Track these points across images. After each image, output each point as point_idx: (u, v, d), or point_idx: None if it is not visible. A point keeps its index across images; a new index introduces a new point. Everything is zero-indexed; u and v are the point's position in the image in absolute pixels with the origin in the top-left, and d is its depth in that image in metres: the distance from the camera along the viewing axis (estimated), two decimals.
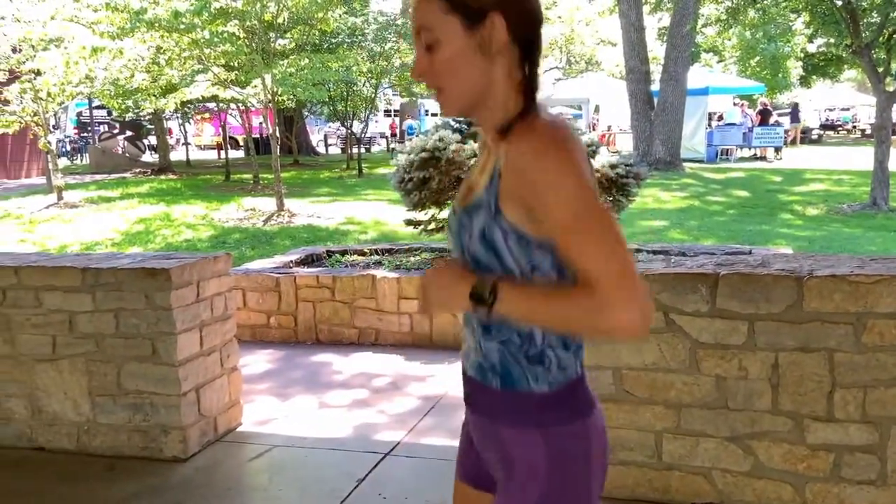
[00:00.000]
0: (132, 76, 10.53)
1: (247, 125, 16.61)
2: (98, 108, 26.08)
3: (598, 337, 1.27)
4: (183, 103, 13.23)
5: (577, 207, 1.14)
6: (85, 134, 28.20)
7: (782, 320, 2.56)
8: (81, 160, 25.22)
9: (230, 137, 22.09)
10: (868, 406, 2.50)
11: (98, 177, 17.82)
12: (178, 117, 22.44)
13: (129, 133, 23.25)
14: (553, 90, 21.60)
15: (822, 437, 2.56)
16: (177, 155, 24.05)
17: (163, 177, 17.44)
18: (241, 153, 25.55)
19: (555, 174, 1.14)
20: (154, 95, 11.58)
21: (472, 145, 4.97)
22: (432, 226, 5.62)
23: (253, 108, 14.99)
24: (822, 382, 2.55)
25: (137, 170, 19.50)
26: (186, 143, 24.69)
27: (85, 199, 12.96)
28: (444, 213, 5.72)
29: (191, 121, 25.88)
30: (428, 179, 5.07)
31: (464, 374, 1.39)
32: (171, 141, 24.13)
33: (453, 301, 1.26)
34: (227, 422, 3.70)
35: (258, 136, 21.67)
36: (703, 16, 15.94)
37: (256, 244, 8.64)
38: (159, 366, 3.35)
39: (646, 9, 18.25)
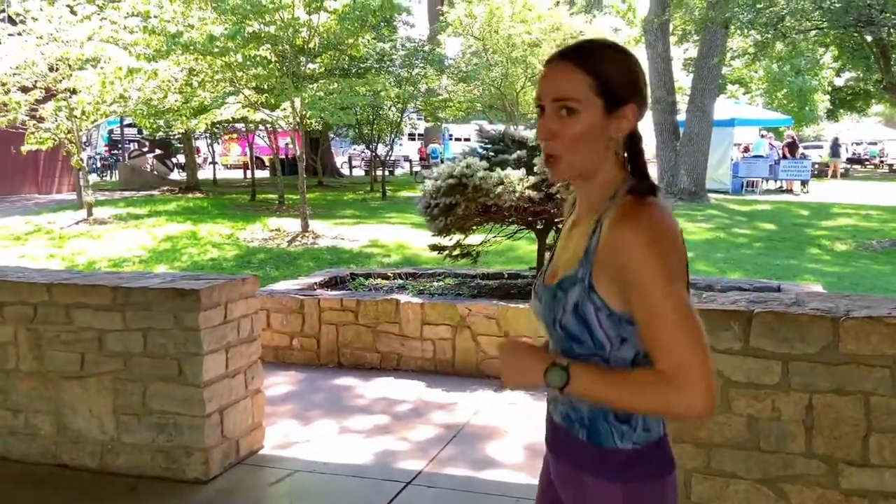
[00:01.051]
0: (165, 97, 10.73)
1: (274, 146, 16.81)
2: (129, 125, 26.60)
3: (667, 418, 1.35)
4: (213, 123, 13.43)
5: (664, 300, 1.22)
6: (115, 151, 28.73)
7: (817, 361, 2.51)
8: (111, 177, 25.64)
9: (256, 158, 22.38)
10: None
11: (127, 194, 18.09)
12: (206, 137, 22.77)
13: (158, 151, 23.63)
14: None
15: (857, 482, 2.50)
16: (204, 174, 24.37)
17: (190, 195, 17.67)
18: (266, 173, 25.86)
19: (650, 266, 1.23)
20: (185, 116, 11.78)
21: (499, 173, 4.98)
22: (457, 251, 5.62)
23: (281, 130, 15.20)
24: (858, 426, 2.49)
25: (165, 188, 19.77)
26: (214, 163, 25.02)
27: (114, 216, 13.15)
28: (470, 239, 5.73)
29: (219, 140, 26.27)
30: (454, 206, 5.07)
31: (549, 418, 1.47)
32: (199, 160, 24.48)
33: (527, 380, 1.35)
34: (249, 444, 3.69)
35: (284, 156, 21.92)
36: (730, 49, 15.92)
37: (281, 265, 8.69)
38: (185, 386, 3.36)
39: (672, 39, 18.30)
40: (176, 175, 24.36)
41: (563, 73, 1.30)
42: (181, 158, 24.84)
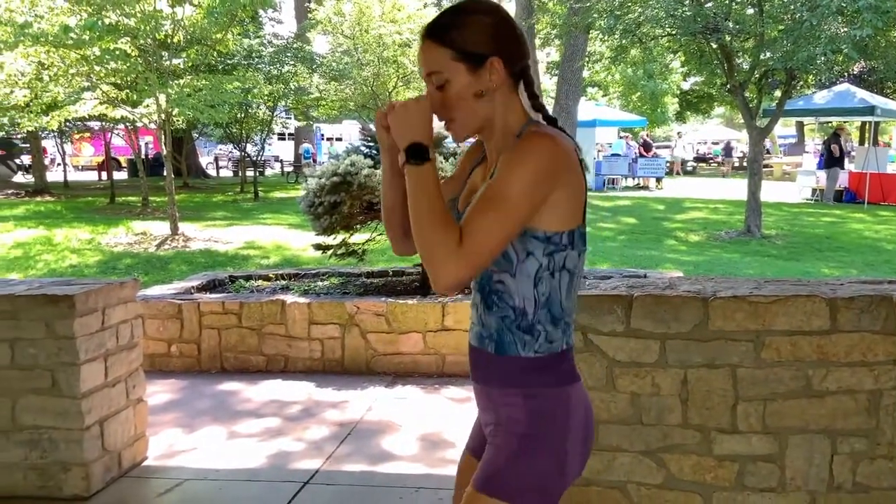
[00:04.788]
0: (11, 92, 9.87)
1: (135, 145, 15.90)
2: None
3: (423, 259, 1.40)
4: (66, 121, 12.51)
5: (508, 190, 1.36)
6: None
7: (690, 339, 2.73)
8: None
9: (112, 158, 21.05)
10: (768, 418, 2.70)
11: None
12: (55, 136, 21.15)
13: None
14: None
15: (728, 448, 2.74)
16: (53, 175, 22.62)
17: (39, 199, 16.37)
18: (123, 174, 24.39)
19: (519, 161, 1.37)
20: (35, 112, 10.89)
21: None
22: (342, 250, 5.59)
23: (143, 128, 14.40)
24: (727, 396, 2.73)
25: (10, 191, 18.21)
26: (64, 164, 23.29)
27: None
28: (355, 238, 5.71)
29: (70, 140, 24.48)
30: (339, 204, 5.05)
31: (469, 346, 1.58)
32: (46, 161, 22.67)
33: (401, 137, 1.40)
34: (132, 456, 3.51)
35: (144, 156, 20.78)
36: (589, 53, 16.78)
37: (151, 269, 8.26)
38: (60, 398, 3.15)
39: (535, 43, 19.02)
40: (20, 177, 22.46)
41: (426, 52, 1.46)
42: (26, 159, 22.95)
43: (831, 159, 16.87)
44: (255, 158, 19.54)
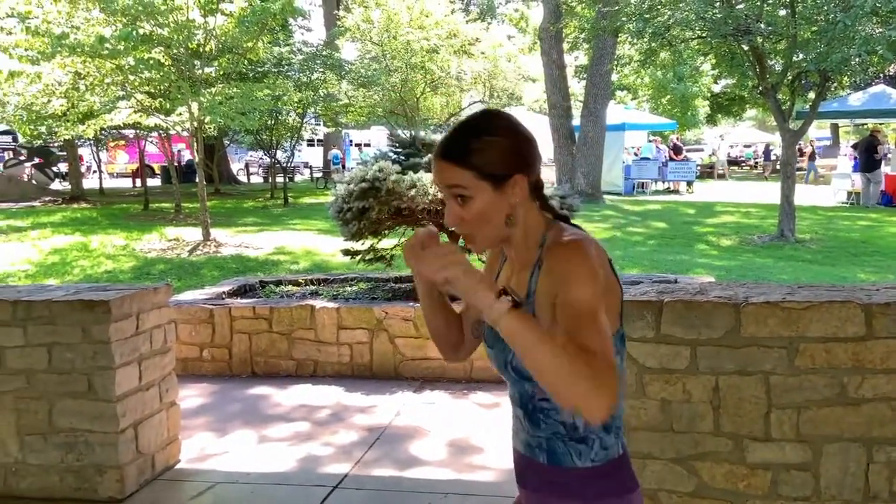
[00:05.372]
0: (49, 102, 10.11)
1: (169, 153, 16.18)
2: (3, 133, 24.86)
3: (567, 402, 1.25)
4: (101, 129, 12.77)
5: (581, 301, 1.28)
6: None
7: (722, 345, 2.70)
8: None
9: (146, 165, 21.43)
10: (802, 425, 2.65)
11: (4, 205, 16.92)
12: (90, 144, 21.60)
13: (36, 160, 22.21)
14: None
15: (760, 456, 2.70)
16: (89, 183, 23.10)
17: (76, 205, 16.73)
18: (157, 181, 24.80)
19: (576, 273, 1.31)
20: (71, 121, 11.14)
21: (411, 176, 5.03)
22: (370, 255, 5.63)
23: (175, 136, 14.64)
24: (760, 404, 2.69)
25: (47, 198, 18.63)
26: (99, 171, 23.76)
27: None
28: (383, 243, 5.74)
29: (105, 148, 24.97)
30: (367, 209, 5.08)
31: (515, 451, 1.52)
32: (82, 168, 23.16)
33: (475, 290, 1.25)
34: (165, 459, 3.57)
35: (177, 163, 21.12)
36: (618, 57, 16.68)
37: (183, 275, 8.38)
38: (95, 402, 3.22)
39: (563, 47, 18.97)
40: (57, 185, 22.97)
41: (446, 171, 1.40)
42: (63, 167, 23.46)
43: (872, 161, 16.47)
44: (284, 165, 19.75)
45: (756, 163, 32.53)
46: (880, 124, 20.38)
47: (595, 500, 1.40)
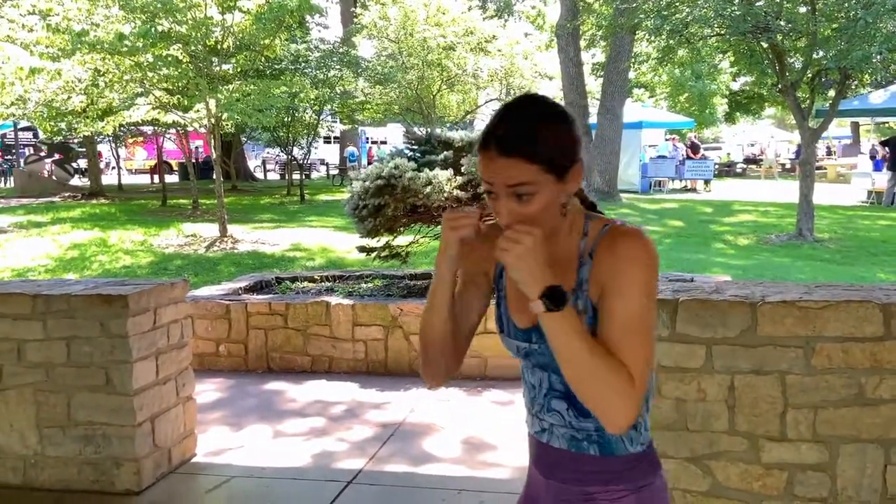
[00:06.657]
0: (69, 98, 10.22)
1: (186, 149, 16.30)
2: (23, 129, 25.15)
3: (595, 408, 1.31)
4: (120, 126, 12.90)
5: (636, 308, 1.30)
6: (9, 157, 27.10)
7: (737, 344, 2.68)
8: (6, 183, 24.20)
9: (164, 162, 21.61)
10: (818, 426, 2.63)
11: (25, 201, 17.14)
12: (109, 140, 21.81)
13: (56, 156, 22.46)
14: None
15: (776, 456, 2.68)
16: (107, 179, 23.34)
17: (95, 201, 16.89)
18: (175, 178, 24.99)
19: (635, 274, 1.31)
20: (91, 118, 11.25)
21: (427, 173, 5.03)
22: (385, 252, 5.64)
23: (193, 132, 14.75)
24: (776, 403, 2.67)
25: (67, 194, 18.84)
26: (118, 167, 23.99)
27: (13, 224, 12.44)
28: (398, 240, 5.76)
29: (124, 144, 25.21)
30: (383, 206, 5.10)
31: (542, 445, 1.47)
32: (101, 164, 23.40)
33: (534, 277, 1.26)
34: (181, 453, 3.60)
35: (195, 160, 21.28)
36: (636, 54, 16.59)
37: (200, 271, 8.45)
38: (113, 395, 3.26)
39: (581, 44, 18.89)
40: (77, 181, 23.22)
41: (511, 169, 1.29)
42: (82, 163, 23.70)
43: None
44: (301, 161, 19.83)
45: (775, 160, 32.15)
46: None
47: (640, 481, 1.41)
